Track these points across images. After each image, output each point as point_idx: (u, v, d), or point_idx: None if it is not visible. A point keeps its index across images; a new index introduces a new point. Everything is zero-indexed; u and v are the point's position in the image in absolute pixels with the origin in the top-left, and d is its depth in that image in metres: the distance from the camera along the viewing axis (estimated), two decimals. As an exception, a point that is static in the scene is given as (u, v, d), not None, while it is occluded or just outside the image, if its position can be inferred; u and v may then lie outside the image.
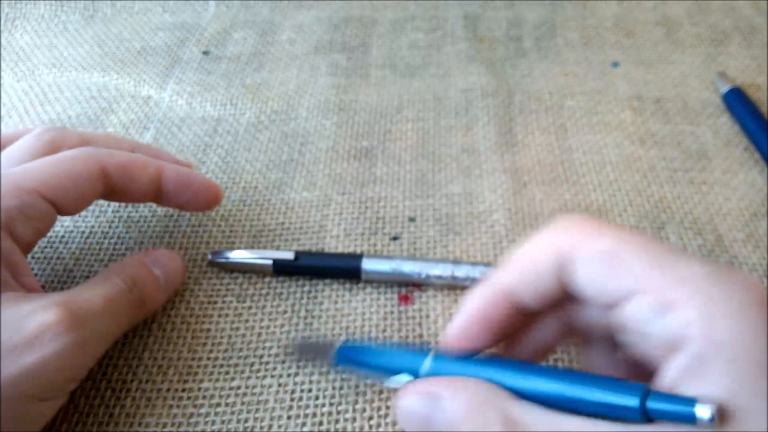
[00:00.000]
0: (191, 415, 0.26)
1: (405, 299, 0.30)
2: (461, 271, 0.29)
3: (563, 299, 0.20)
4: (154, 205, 0.35)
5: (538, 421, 0.17)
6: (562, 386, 0.18)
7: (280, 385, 0.27)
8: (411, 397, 0.19)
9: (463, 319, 0.20)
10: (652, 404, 0.17)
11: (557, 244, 0.19)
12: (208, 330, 0.29)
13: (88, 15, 0.52)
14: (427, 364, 0.21)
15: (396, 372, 0.21)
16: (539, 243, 0.20)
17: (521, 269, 0.20)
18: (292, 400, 0.26)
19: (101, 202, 0.35)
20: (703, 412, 0.16)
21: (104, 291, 0.25)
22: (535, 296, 0.20)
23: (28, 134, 0.29)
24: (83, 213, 0.34)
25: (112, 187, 0.28)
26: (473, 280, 0.29)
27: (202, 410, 0.26)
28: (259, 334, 0.29)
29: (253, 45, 0.48)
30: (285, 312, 0.30)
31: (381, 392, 0.26)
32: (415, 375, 0.21)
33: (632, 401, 0.17)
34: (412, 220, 0.34)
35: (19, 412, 0.21)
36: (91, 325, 0.23)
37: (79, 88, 0.44)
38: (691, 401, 0.16)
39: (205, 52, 0.47)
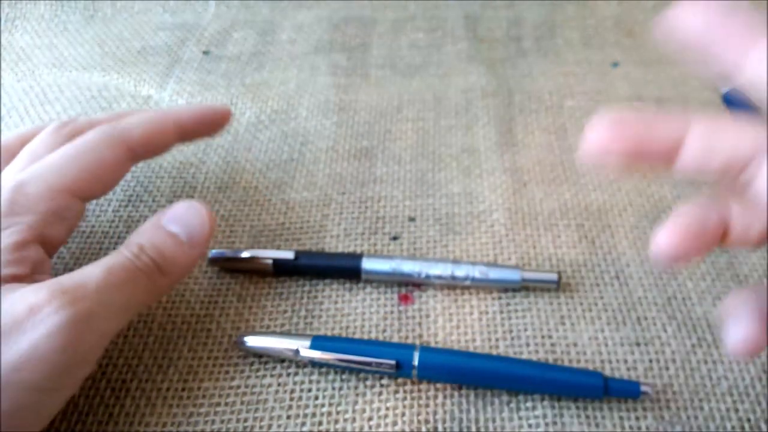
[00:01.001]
0: (191, 414, 0.26)
1: (405, 299, 0.30)
2: (461, 271, 0.29)
3: None
4: (154, 205, 0.35)
5: None
6: (546, 372, 0.26)
7: (279, 384, 0.27)
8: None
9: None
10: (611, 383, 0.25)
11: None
12: (209, 330, 0.29)
13: (88, 15, 0.52)
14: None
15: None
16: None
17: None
18: (291, 399, 0.26)
19: (102, 201, 0.35)
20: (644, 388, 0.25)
21: (106, 262, 0.23)
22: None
23: (45, 130, 0.29)
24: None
25: (138, 158, 0.28)
26: (473, 280, 0.29)
27: (202, 410, 0.26)
28: (259, 334, 0.29)
29: (253, 45, 0.48)
30: (285, 311, 0.30)
31: (380, 394, 0.26)
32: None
33: (598, 382, 0.25)
34: (412, 219, 0.34)
35: (21, 404, 0.20)
36: (91, 299, 0.22)
37: (80, 88, 0.44)
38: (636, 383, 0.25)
39: (205, 52, 0.47)
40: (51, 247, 0.25)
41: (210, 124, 0.32)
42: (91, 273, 0.23)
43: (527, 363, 0.27)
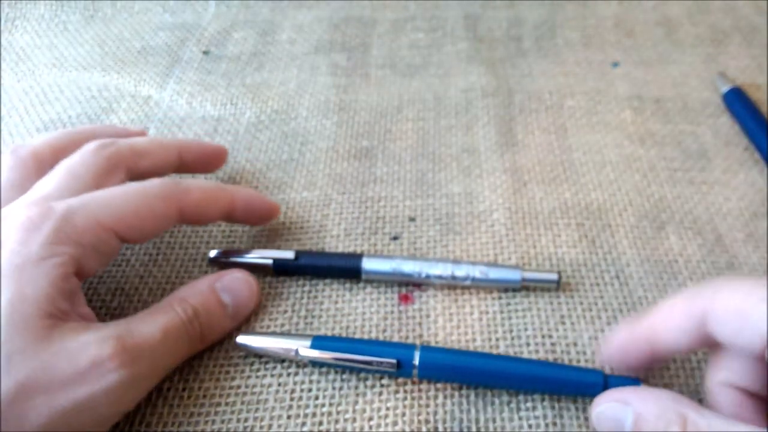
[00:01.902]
0: (192, 414, 0.26)
1: (405, 299, 0.30)
2: (461, 271, 0.29)
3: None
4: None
5: (713, 423, 0.20)
6: (547, 370, 0.26)
7: (280, 384, 0.27)
8: (605, 405, 0.23)
9: (611, 345, 0.25)
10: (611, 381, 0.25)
11: (693, 303, 0.22)
12: (209, 330, 0.29)
13: (88, 15, 0.52)
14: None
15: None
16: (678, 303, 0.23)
17: (663, 322, 0.23)
18: (291, 399, 0.26)
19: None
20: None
21: (163, 323, 0.24)
22: (677, 346, 0.23)
23: (86, 148, 0.28)
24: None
25: (184, 220, 0.28)
26: (473, 280, 0.29)
27: (203, 409, 0.26)
28: (260, 334, 0.29)
29: (253, 45, 0.48)
30: (285, 311, 0.30)
31: (381, 393, 0.26)
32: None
33: (598, 379, 0.25)
34: (412, 219, 0.34)
35: None
36: (146, 361, 0.23)
37: (80, 88, 0.44)
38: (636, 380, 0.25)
39: (206, 52, 0.47)
40: (82, 278, 0.25)
41: (259, 217, 0.32)
42: (151, 334, 0.24)
43: (528, 362, 0.27)
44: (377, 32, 0.49)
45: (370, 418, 0.25)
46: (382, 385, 0.26)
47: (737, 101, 0.40)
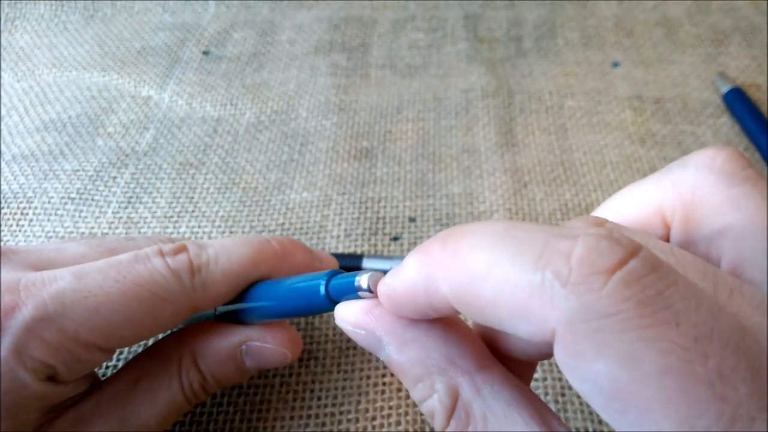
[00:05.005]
0: (194, 414, 0.26)
1: (406, 299, 0.30)
2: (462, 271, 0.29)
3: None
4: (154, 206, 0.35)
5: (492, 411, 0.15)
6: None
7: (282, 385, 0.27)
8: (351, 322, 0.17)
9: None
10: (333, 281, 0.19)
11: None
12: (209, 330, 0.29)
13: (88, 15, 0.51)
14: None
15: None
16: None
17: None
18: (294, 400, 0.26)
19: (101, 202, 0.35)
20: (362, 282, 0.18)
21: (164, 407, 0.21)
22: None
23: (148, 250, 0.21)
24: (83, 213, 0.34)
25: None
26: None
27: (206, 410, 0.26)
28: (261, 335, 0.28)
29: (253, 45, 0.48)
30: (286, 312, 0.29)
31: (383, 392, 0.26)
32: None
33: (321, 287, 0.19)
34: (412, 220, 0.34)
35: None
36: None
37: (79, 88, 0.44)
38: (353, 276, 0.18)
39: (205, 52, 0.47)
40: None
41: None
42: (151, 413, 0.21)
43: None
44: (377, 32, 0.49)
45: (373, 418, 0.25)
46: (384, 384, 0.26)
47: (737, 101, 0.40)
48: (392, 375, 0.26)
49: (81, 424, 0.19)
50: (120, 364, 0.27)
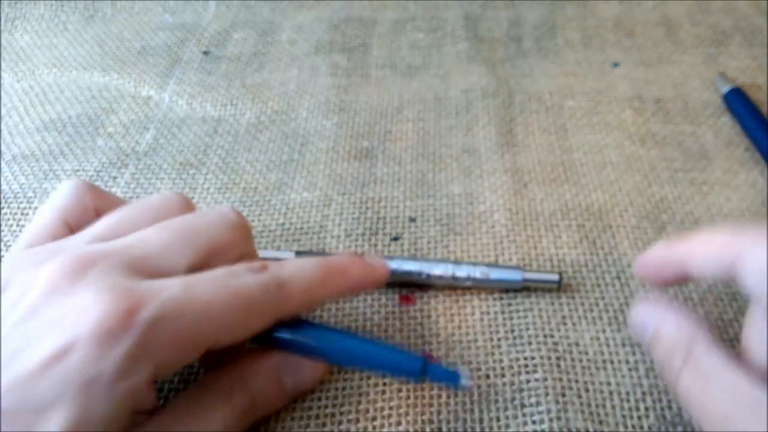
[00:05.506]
0: (193, 415, 0.26)
1: (406, 299, 0.30)
2: (462, 272, 0.29)
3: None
4: (154, 206, 0.35)
5: (714, 366, 0.21)
6: (371, 349, 0.24)
7: (281, 385, 0.27)
8: (640, 309, 0.25)
9: (646, 261, 0.26)
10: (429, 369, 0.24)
11: (729, 246, 0.22)
12: (210, 330, 0.29)
13: (88, 15, 0.51)
14: None
15: None
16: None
17: (699, 253, 0.23)
18: (295, 401, 0.26)
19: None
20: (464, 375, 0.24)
21: (219, 424, 0.22)
22: (709, 276, 0.23)
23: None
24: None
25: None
26: (474, 280, 0.29)
27: (204, 411, 0.26)
28: (261, 335, 0.28)
29: (253, 45, 0.48)
30: (286, 312, 0.29)
31: (384, 393, 0.26)
32: None
33: (417, 367, 0.23)
34: (412, 220, 0.34)
35: None
36: None
37: (80, 88, 0.44)
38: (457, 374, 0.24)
39: (206, 52, 0.47)
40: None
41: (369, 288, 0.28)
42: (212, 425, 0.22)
43: (354, 339, 0.25)
44: (377, 32, 0.49)
45: (374, 419, 0.25)
46: (384, 384, 0.26)
47: (738, 101, 0.40)
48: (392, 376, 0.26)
49: None
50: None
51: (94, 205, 0.26)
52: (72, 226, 0.25)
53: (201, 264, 0.23)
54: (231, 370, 0.24)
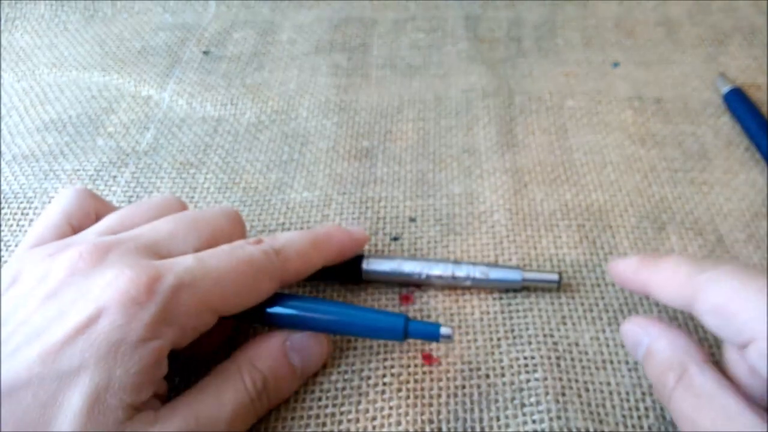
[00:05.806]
0: (193, 415, 0.26)
1: (406, 299, 0.30)
2: (462, 271, 0.29)
3: None
4: (154, 206, 0.35)
5: (707, 385, 0.21)
6: (355, 312, 0.26)
7: (281, 385, 0.27)
8: (631, 326, 0.25)
9: (617, 271, 0.27)
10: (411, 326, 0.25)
11: (687, 285, 0.23)
12: (210, 330, 0.29)
13: (88, 15, 0.51)
14: None
15: None
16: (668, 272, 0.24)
17: (660, 285, 0.24)
18: (294, 401, 0.26)
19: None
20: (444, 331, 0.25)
21: (232, 403, 0.23)
22: (671, 305, 0.24)
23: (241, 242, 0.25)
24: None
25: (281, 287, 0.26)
26: (474, 280, 0.29)
27: (204, 411, 0.26)
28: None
29: (253, 45, 0.48)
30: (286, 312, 0.29)
31: (383, 393, 0.26)
32: None
33: (399, 325, 0.25)
34: (412, 220, 0.34)
35: None
36: None
37: (80, 88, 0.44)
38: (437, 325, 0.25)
39: (206, 52, 0.47)
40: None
41: (349, 256, 0.29)
42: (221, 412, 0.22)
43: (335, 304, 0.27)
44: (377, 32, 0.49)
45: (374, 418, 0.25)
46: (384, 384, 0.26)
47: (738, 101, 0.40)
48: (392, 375, 0.26)
49: (158, 424, 0.21)
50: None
51: (95, 210, 0.28)
52: (75, 228, 0.26)
53: (205, 249, 0.24)
54: (238, 355, 0.25)
